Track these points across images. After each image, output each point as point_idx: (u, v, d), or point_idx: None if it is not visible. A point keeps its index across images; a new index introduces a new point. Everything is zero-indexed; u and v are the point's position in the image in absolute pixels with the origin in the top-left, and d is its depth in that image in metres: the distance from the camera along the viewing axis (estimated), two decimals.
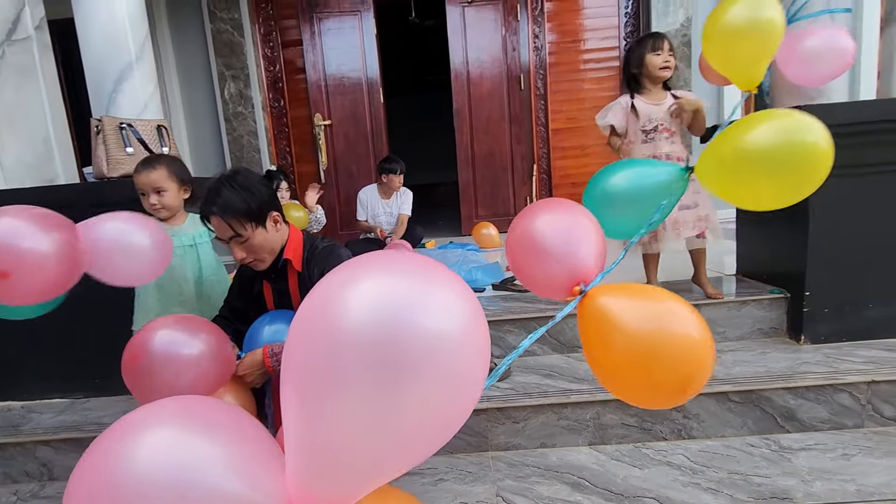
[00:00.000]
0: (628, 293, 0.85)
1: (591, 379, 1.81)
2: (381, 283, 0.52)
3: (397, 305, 0.50)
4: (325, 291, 0.54)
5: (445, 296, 0.53)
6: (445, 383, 0.51)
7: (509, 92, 4.17)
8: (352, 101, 4.24)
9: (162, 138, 1.96)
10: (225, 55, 4.17)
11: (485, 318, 0.57)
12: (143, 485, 0.47)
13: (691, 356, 0.77)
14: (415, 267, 0.54)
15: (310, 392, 0.51)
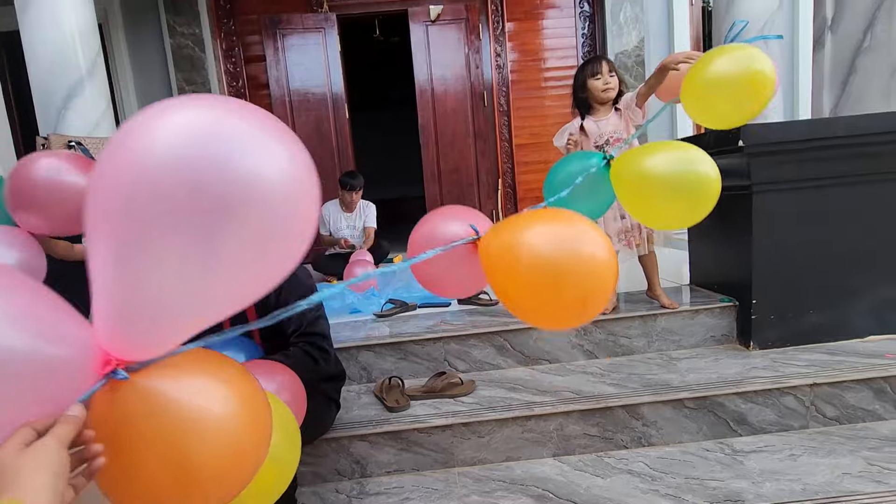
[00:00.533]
0: (522, 220, 0.87)
1: (554, 391, 1.84)
2: (199, 117, 0.47)
3: (216, 142, 0.46)
4: (136, 123, 0.48)
5: (268, 136, 0.49)
6: (267, 231, 0.48)
7: (473, 108, 4.25)
8: (316, 116, 4.23)
9: None
10: (185, 70, 4.09)
11: (311, 165, 0.54)
12: None
13: (593, 274, 0.79)
14: (236, 105, 0.50)
15: (118, 232, 0.47)
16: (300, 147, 0.52)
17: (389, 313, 2.40)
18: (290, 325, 1.37)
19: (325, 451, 1.65)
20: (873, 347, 1.93)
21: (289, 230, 0.51)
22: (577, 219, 0.84)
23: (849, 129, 1.83)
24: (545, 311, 0.84)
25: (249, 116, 0.49)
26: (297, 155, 0.51)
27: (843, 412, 1.72)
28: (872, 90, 2.05)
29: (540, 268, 0.79)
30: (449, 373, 1.94)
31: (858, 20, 2.05)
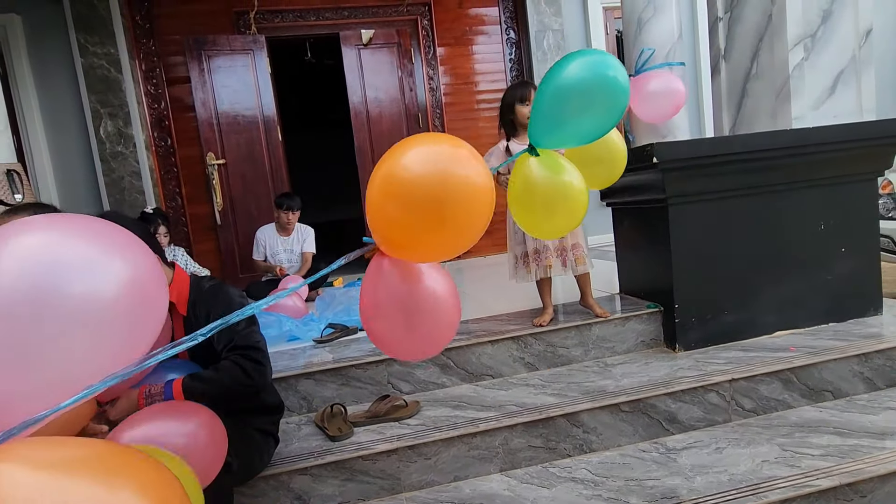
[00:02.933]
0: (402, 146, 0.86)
1: (497, 405, 1.86)
2: (40, 241, 0.56)
3: (48, 266, 0.54)
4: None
5: (97, 257, 0.58)
6: (104, 342, 0.57)
7: (409, 129, 4.30)
8: (248, 139, 4.10)
9: (14, 185, 1.74)
10: (100, 91, 3.85)
11: (155, 278, 0.63)
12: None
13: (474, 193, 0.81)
14: (83, 229, 0.60)
15: None
16: (141, 262, 0.61)
17: (330, 338, 2.34)
18: (221, 342, 1.30)
19: (264, 490, 1.56)
20: (780, 342, 2.12)
21: (127, 340, 0.60)
22: (453, 140, 0.85)
23: (744, 145, 2.03)
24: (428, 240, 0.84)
25: (90, 237, 0.59)
26: (136, 271, 0.60)
27: (759, 404, 1.87)
28: (761, 111, 2.30)
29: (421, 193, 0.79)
30: (393, 395, 1.91)
31: (746, 51, 2.31)
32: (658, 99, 1.62)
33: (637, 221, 2.30)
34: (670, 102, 1.64)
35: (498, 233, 4.48)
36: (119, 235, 0.62)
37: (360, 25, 4.20)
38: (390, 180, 0.82)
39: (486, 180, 0.83)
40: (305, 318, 2.56)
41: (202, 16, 4.06)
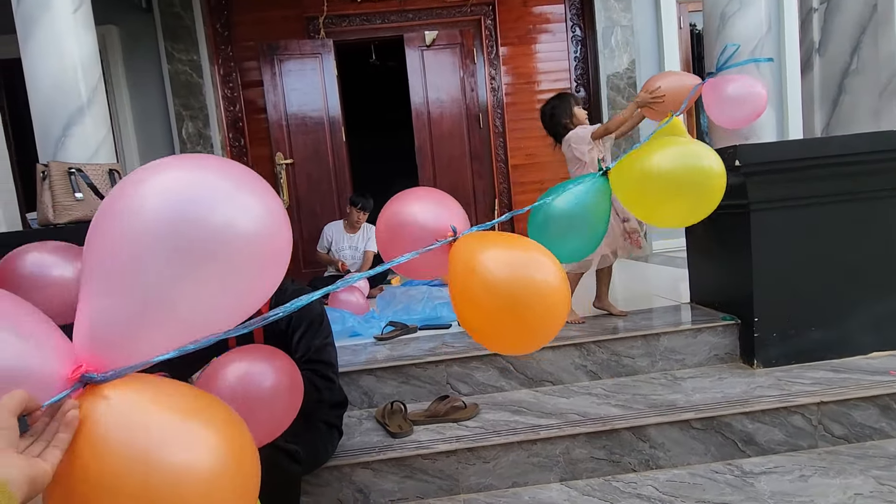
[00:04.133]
0: (495, 239, 0.91)
1: (559, 413, 1.82)
2: (182, 179, 0.58)
3: (192, 201, 0.56)
4: (130, 182, 0.59)
5: (243, 194, 0.59)
6: (234, 275, 0.58)
7: (469, 130, 4.30)
8: (314, 139, 4.26)
9: (114, 182, 1.90)
10: (183, 96, 4.13)
11: (286, 222, 0.63)
12: None
13: (547, 301, 0.83)
14: (219, 166, 0.60)
15: (108, 266, 0.56)
16: (272, 200, 0.61)
17: (389, 336, 2.38)
18: (299, 350, 1.34)
19: (328, 480, 1.61)
20: (877, 364, 1.93)
21: (257, 275, 0.61)
22: (532, 245, 0.89)
23: (842, 147, 1.86)
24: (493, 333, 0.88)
25: (226, 174, 0.60)
26: (270, 209, 0.60)
27: (851, 430, 1.71)
28: (862, 110, 2.09)
29: (493, 292, 0.82)
30: (452, 396, 1.92)
31: (845, 44, 2.11)
32: (736, 104, 1.51)
33: (714, 227, 2.17)
34: (750, 108, 1.51)
35: None
36: (252, 176, 0.61)
37: (424, 27, 4.25)
38: (471, 281, 0.86)
39: (563, 284, 0.85)
40: (367, 315, 2.62)
41: (275, 22, 4.26)
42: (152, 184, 0.57)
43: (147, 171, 0.58)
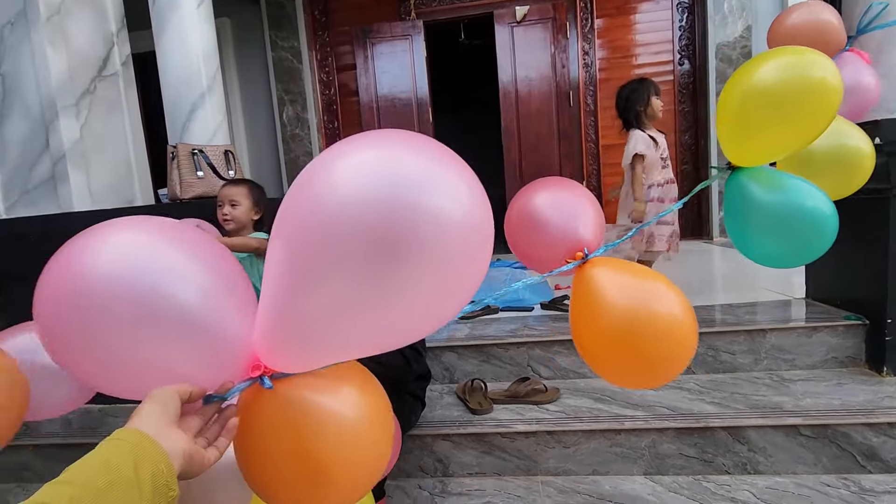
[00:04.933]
0: (625, 269, 0.88)
1: (646, 405, 1.74)
2: (385, 157, 0.48)
3: (399, 184, 0.46)
4: (327, 162, 0.50)
5: (450, 176, 0.49)
6: (443, 270, 0.47)
7: (558, 109, 4.15)
8: (402, 121, 4.37)
9: (229, 162, 2.09)
10: (284, 81, 4.42)
11: (487, 202, 0.52)
12: (106, 289, 0.48)
13: (673, 335, 0.80)
14: (420, 144, 0.50)
15: (299, 256, 0.49)
16: (476, 183, 0.51)
17: (472, 315, 2.41)
18: None
19: (410, 448, 1.69)
20: None
21: (462, 268, 0.49)
22: (660, 279, 0.85)
23: None
24: (619, 367, 0.85)
25: (428, 153, 0.49)
26: (475, 192, 0.50)
27: None
28: None
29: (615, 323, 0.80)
30: (532, 379, 1.91)
31: None
32: None
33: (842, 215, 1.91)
34: (858, 100, 1.26)
35: None
36: (460, 162, 0.52)
37: (515, 3, 4.13)
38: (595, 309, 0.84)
39: (689, 320, 0.81)
40: None
41: (369, 7, 4.38)
42: (349, 164, 0.48)
43: (343, 150, 0.50)
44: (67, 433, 1.82)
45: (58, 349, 0.53)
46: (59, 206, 2.18)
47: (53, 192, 2.18)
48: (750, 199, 1.00)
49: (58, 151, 2.15)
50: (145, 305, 0.49)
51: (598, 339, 0.85)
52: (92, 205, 2.23)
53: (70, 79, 2.16)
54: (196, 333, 0.52)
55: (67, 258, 0.51)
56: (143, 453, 0.43)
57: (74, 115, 2.17)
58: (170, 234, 0.54)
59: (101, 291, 0.49)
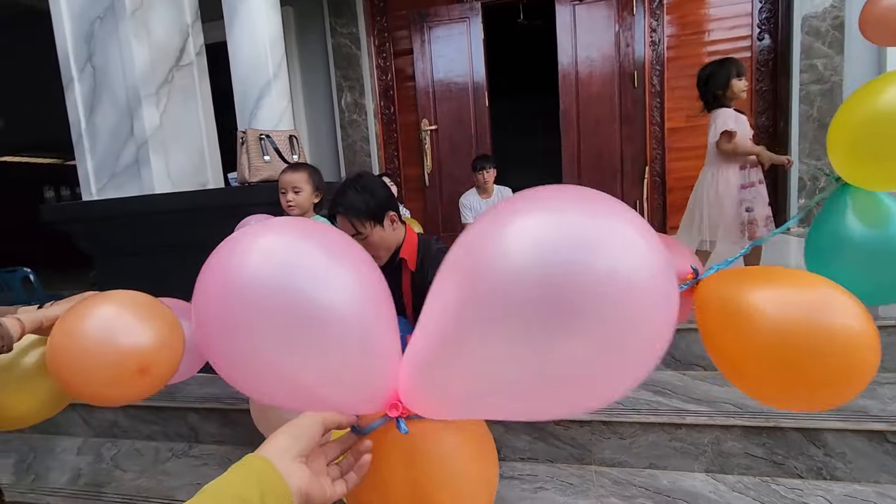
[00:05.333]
0: (763, 277, 0.77)
1: (709, 400, 1.67)
2: (550, 218, 0.45)
3: (567, 246, 0.43)
4: (490, 224, 0.48)
5: (623, 233, 0.44)
6: (612, 340, 0.42)
7: (621, 90, 3.97)
8: (457, 105, 4.34)
9: (293, 147, 2.18)
10: (343, 67, 4.50)
11: (669, 259, 0.46)
12: (253, 289, 0.48)
13: (848, 348, 0.65)
14: (587, 199, 0.46)
15: (471, 307, 0.46)
16: (659, 249, 0.45)
17: None
18: None
19: None
20: None
21: (639, 340, 0.44)
22: (823, 281, 0.71)
23: None
24: (778, 389, 0.71)
25: (607, 216, 0.45)
26: (658, 257, 0.44)
27: None
28: None
29: (777, 342, 0.67)
30: None
31: None
32: None
33: None
34: None
35: None
36: (632, 214, 0.46)
37: None
38: (736, 327, 0.73)
39: (869, 329, 0.65)
40: None
41: None
42: (513, 233, 0.45)
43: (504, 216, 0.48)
44: (73, 490, 1.84)
45: (210, 348, 0.53)
46: (141, 188, 2.36)
47: (137, 176, 2.36)
48: (853, 223, 0.89)
49: (141, 137, 2.32)
50: (299, 313, 0.49)
51: (752, 363, 0.73)
52: (171, 187, 2.39)
53: (151, 69, 2.31)
54: (350, 351, 0.51)
55: (223, 257, 0.52)
56: (271, 489, 0.43)
57: (155, 104, 2.33)
58: (326, 241, 0.54)
59: (253, 295, 0.49)
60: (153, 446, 2.07)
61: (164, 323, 0.88)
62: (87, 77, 2.35)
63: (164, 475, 1.85)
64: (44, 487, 1.84)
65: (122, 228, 2.30)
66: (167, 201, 2.21)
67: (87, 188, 2.43)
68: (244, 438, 2.00)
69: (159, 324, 0.87)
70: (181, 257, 1.57)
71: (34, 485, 1.87)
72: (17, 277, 5.14)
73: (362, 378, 0.53)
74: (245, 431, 2.00)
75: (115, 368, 0.81)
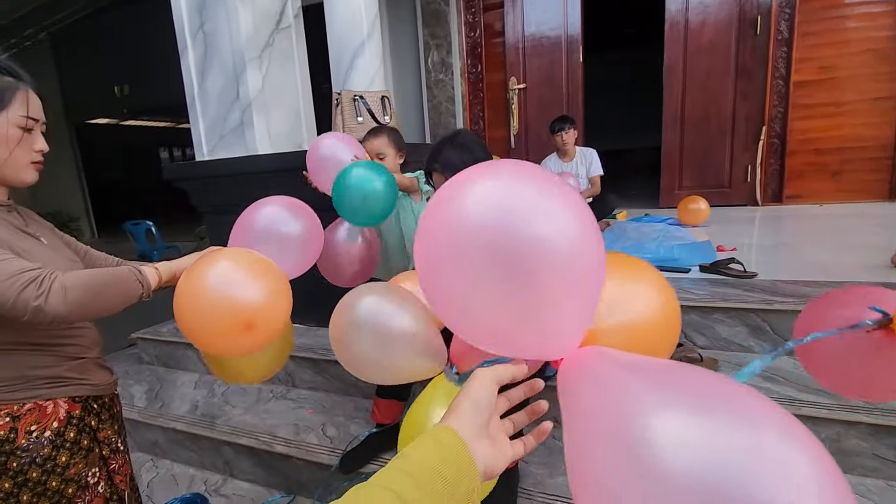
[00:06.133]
0: None
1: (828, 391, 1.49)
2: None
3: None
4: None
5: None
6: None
7: (739, 39, 3.52)
8: (549, 62, 4.11)
9: (385, 108, 2.18)
10: (431, 25, 4.41)
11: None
12: (471, 233, 0.51)
13: None
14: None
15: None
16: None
17: None
18: None
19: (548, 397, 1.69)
20: None
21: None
22: None
23: None
24: None
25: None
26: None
27: None
28: None
29: None
30: (686, 345, 1.75)
31: None
32: None
33: None
34: None
35: (850, 175, 3.40)
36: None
37: None
38: None
39: None
40: None
41: None
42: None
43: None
44: (192, 419, 2.03)
45: (431, 288, 0.57)
46: (245, 149, 2.51)
47: (242, 137, 2.51)
48: None
49: (245, 100, 2.44)
50: (514, 250, 0.50)
51: None
52: (271, 148, 2.52)
53: (255, 33, 2.41)
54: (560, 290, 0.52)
55: (443, 202, 0.55)
56: (466, 470, 0.42)
57: (258, 67, 2.44)
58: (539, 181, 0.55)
59: (471, 238, 0.51)
60: (256, 387, 2.28)
61: (275, 282, 0.93)
62: (199, 44, 2.50)
63: (266, 413, 2.04)
64: (169, 414, 2.11)
65: (228, 186, 2.48)
66: (268, 162, 2.34)
67: (199, 149, 2.64)
68: (334, 386, 2.14)
69: (270, 283, 0.92)
70: None
71: (161, 411, 2.15)
72: (142, 229, 5.84)
73: (563, 320, 0.52)
74: (334, 380, 2.14)
75: (224, 322, 0.88)
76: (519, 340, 0.52)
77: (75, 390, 0.91)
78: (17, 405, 0.84)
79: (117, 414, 1.04)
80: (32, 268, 0.76)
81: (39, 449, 0.84)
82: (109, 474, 0.96)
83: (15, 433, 0.83)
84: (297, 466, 1.75)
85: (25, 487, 0.83)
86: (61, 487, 0.87)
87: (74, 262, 0.97)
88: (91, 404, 0.95)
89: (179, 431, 2.00)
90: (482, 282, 0.50)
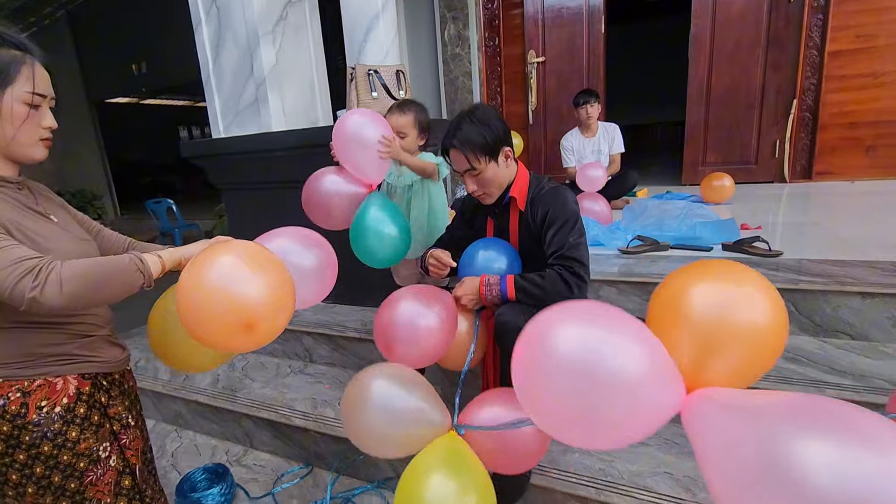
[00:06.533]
0: None
1: (855, 373, 1.45)
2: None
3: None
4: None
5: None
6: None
7: (771, 7, 3.34)
8: (569, 33, 3.97)
9: (399, 82, 2.14)
10: None
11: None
12: (560, 361, 0.70)
13: None
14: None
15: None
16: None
17: (636, 250, 2.22)
18: (551, 246, 1.35)
19: None
20: None
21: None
22: None
23: None
24: None
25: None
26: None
27: None
28: None
29: None
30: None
31: None
32: None
33: None
34: None
35: (885, 150, 3.25)
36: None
37: None
38: None
39: None
40: (612, 226, 2.49)
41: None
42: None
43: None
44: (214, 392, 2.08)
45: (532, 404, 0.76)
46: (260, 126, 2.50)
47: (257, 114, 2.50)
48: None
49: (259, 76, 2.42)
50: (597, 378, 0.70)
51: None
52: (286, 125, 2.51)
53: (268, 7, 2.37)
54: None
55: (534, 339, 0.76)
56: None
57: (272, 42, 2.41)
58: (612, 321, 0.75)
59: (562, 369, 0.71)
60: (275, 362, 2.32)
61: (279, 282, 0.89)
62: (213, 18, 2.47)
63: (284, 388, 2.08)
64: (192, 387, 2.17)
65: (244, 164, 2.48)
66: (283, 138, 2.33)
67: (215, 126, 2.64)
68: (350, 362, 2.17)
69: (273, 283, 0.88)
70: (296, 191, 1.66)
71: (185, 384, 2.21)
72: (163, 208, 5.94)
73: None
74: (351, 355, 2.16)
75: (223, 321, 0.83)
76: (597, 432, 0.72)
77: (85, 367, 0.92)
78: (27, 381, 0.85)
79: (129, 389, 1.05)
80: (30, 257, 0.75)
81: (50, 424, 0.86)
82: (121, 449, 0.97)
83: (26, 408, 0.84)
84: (315, 439, 1.78)
85: (38, 460, 0.85)
86: (73, 461, 0.88)
87: (85, 241, 0.96)
88: (101, 381, 0.96)
89: (202, 404, 2.06)
90: (570, 396, 0.70)
